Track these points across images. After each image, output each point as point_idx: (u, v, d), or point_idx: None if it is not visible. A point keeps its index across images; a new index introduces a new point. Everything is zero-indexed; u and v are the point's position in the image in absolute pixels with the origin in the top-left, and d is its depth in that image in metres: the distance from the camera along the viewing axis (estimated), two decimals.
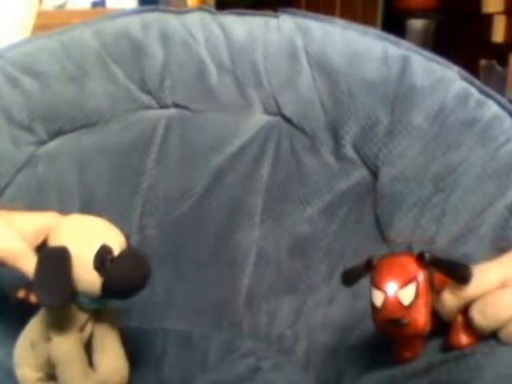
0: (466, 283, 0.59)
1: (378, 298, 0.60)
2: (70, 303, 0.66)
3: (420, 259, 0.61)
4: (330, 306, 0.83)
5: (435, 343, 0.65)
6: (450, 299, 0.61)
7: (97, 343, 0.70)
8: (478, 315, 0.59)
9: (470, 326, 0.61)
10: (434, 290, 0.62)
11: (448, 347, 0.63)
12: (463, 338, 0.62)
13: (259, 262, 0.88)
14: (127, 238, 0.68)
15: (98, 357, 0.70)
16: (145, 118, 0.92)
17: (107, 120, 0.91)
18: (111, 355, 0.70)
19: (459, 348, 0.62)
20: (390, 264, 0.62)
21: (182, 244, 0.91)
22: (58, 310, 0.67)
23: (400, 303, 0.59)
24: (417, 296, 0.59)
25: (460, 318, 0.62)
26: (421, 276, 0.60)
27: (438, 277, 0.62)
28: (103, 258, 0.64)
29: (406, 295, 0.59)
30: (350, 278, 0.66)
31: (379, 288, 0.60)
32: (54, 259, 0.63)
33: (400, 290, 0.59)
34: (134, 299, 0.67)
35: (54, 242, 0.66)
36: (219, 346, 0.86)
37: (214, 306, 0.89)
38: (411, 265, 0.61)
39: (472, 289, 0.60)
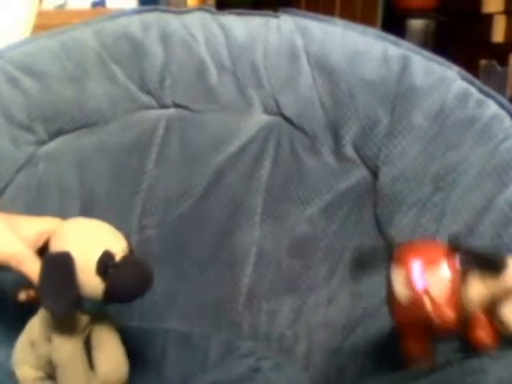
0: (497, 273, 0.55)
1: (400, 280, 0.55)
2: (75, 310, 0.66)
3: (451, 246, 0.56)
4: (329, 306, 0.83)
5: (438, 345, 0.64)
6: (476, 291, 0.55)
7: (96, 341, 0.70)
8: (510, 314, 0.55)
9: (490, 326, 0.58)
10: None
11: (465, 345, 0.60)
12: (484, 335, 0.58)
13: (259, 262, 0.88)
14: (127, 238, 0.68)
15: (97, 354, 0.70)
16: (145, 118, 0.92)
17: (107, 120, 0.91)
18: (110, 352, 0.70)
19: (480, 347, 0.58)
20: (416, 246, 0.58)
21: (182, 244, 0.91)
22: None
23: (427, 288, 0.54)
24: (449, 285, 0.54)
25: (481, 316, 0.58)
26: (452, 263, 0.55)
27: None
28: (106, 263, 0.64)
29: (437, 279, 0.54)
30: (363, 263, 0.62)
31: (403, 265, 0.55)
32: (58, 265, 0.63)
33: (427, 267, 0.54)
34: None
35: (57, 246, 0.65)
36: (219, 346, 0.86)
37: (214, 306, 0.89)
38: (441, 249, 0.56)
39: (505, 281, 0.55)
